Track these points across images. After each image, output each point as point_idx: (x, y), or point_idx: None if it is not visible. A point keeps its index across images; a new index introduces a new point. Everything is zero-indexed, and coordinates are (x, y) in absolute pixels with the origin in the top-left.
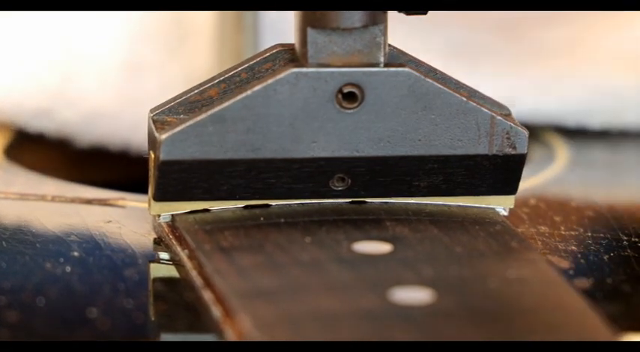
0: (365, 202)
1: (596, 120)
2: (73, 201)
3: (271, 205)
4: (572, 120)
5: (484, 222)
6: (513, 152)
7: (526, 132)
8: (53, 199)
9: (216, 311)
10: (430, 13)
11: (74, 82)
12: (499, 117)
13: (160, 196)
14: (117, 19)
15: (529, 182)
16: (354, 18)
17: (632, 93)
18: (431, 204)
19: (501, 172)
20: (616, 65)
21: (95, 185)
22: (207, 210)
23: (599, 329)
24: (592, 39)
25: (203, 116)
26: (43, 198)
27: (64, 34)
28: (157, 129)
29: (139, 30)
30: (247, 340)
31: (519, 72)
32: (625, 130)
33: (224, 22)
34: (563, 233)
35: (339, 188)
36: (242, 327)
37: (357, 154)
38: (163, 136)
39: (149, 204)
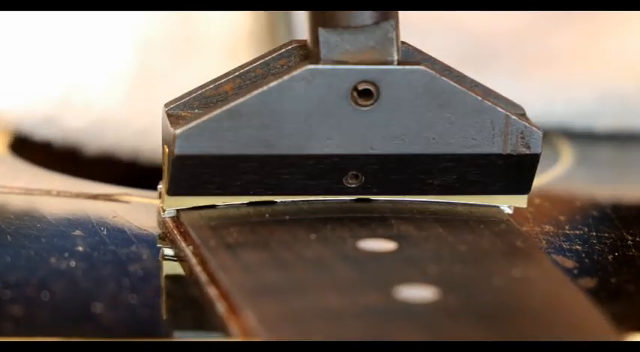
0: (370, 200)
1: (602, 123)
2: (78, 196)
3: (277, 202)
4: (578, 124)
5: (489, 221)
6: (527, 152)
7: (540, 132)
8: (58, 194)
9: (220, 307)
10: (438, 20)
11: (82, 90)
12: (513, 117)
13: (174, 191)
14: (126, 26)
15: (534, 181)
16: (365, 15)
17: (637, 98)
18: (436, 202)
19: (515, 172)
20: (622, 69)
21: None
22: (213, 206)
23: (603, 329)
24: (598, 43)
25: (218, 111)
26: (48, 193)
27: (72, 42)
28: (171, 123)
29: (149, 38)
30: (252, 336)
31: (526, 77)
32: (631, 134)
33: (237, 31)
34: (567, 232)
35: (353, 185)
36: (246, 323)
37: (371, 152)
38: (178, 131)
39: (162, 199)
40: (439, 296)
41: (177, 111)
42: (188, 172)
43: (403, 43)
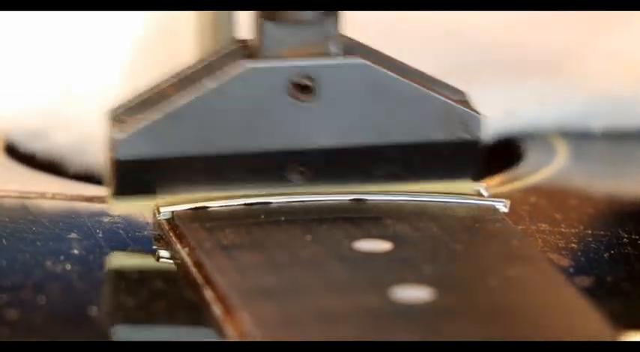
0: (365, 200)
1: (596, 126)
2: (73, 198)
3: (272, 203)
4: (572, 127)
5: (484, 219)
6: (468, 137)
7: (480, 117)
8: (53, 197)
9: (216, 310)
10: (430, 22)
11: (70, 106)
12: (452, 103)
13: (120, 196)
14: (118, 47)
15: (529, 179)
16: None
17: (631, 98)
18: (431, 201)
19: (458, 157)
20: (615, 70)
21: None
22: (208, 208)
23: (599, 328)
24: (590, 45)
25: (157, 115)
26: (43, 195)
27: (63, 60)
28: (113, 129)
29: (139, 60)
30: (248, 338)
31: (518, 82)
32: (626, 134)
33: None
34: (563, 230)
35: (297, 180)
36: (243, 326)
37: (312, 146)
38: (118, 137)
39: (109, 202)
40: (435, 296)
41: (120, 117)
42: (132, 177)
43: (344, 36)
